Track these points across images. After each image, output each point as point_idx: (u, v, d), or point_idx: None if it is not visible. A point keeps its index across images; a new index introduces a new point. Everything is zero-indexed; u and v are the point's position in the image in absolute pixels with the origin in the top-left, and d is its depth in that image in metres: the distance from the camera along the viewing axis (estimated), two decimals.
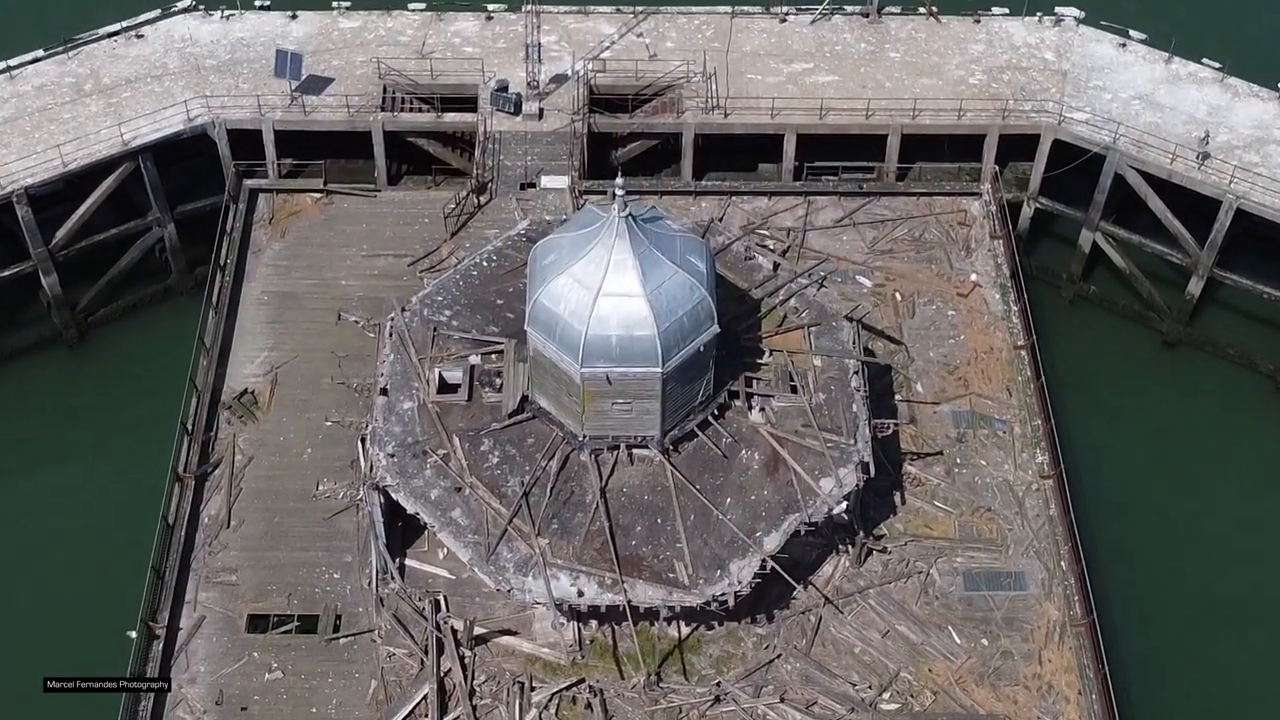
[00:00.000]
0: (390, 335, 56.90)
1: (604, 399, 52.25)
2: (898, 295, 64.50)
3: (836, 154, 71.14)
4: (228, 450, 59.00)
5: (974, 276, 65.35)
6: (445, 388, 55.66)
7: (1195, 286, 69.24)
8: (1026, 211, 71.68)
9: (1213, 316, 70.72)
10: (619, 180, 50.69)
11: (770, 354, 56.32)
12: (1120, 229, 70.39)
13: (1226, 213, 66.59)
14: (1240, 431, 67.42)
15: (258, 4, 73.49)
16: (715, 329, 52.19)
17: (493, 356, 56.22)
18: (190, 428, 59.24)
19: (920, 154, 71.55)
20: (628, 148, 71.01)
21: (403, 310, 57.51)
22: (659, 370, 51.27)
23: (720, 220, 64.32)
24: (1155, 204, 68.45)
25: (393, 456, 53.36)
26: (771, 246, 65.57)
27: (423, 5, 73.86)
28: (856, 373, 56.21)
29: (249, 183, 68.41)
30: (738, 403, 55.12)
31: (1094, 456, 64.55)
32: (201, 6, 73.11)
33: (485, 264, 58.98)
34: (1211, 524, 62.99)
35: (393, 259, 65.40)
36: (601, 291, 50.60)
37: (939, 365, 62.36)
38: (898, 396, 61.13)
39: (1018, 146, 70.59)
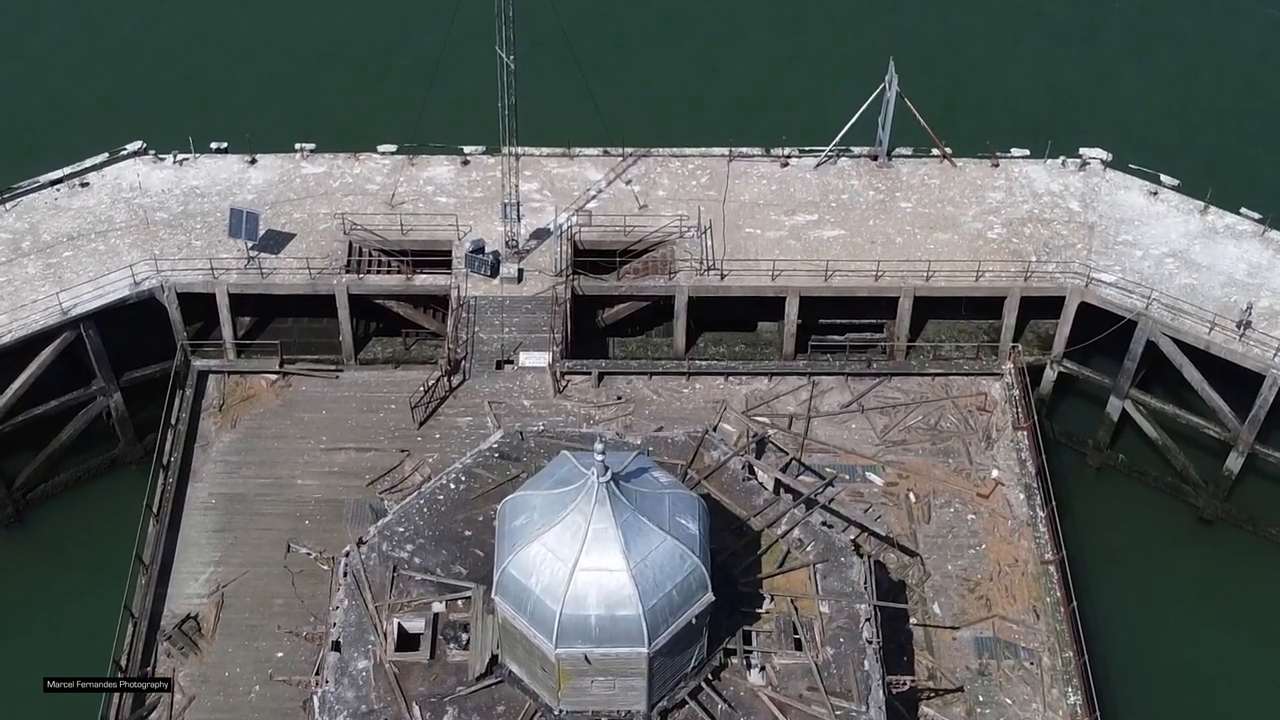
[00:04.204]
0: (345, 575, 48.67)
1: (583, 677, 44.31)
2: (912, 495, 56.41)
3: (843, 312, 62.93)
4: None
5: (995, 473, 57.23)
6: (405, 641, 47.57)
7: (1235, 462, 61.23)
8: (1049, 375, 63.50)
9: (1254, 491, 62.60)
10: (599, 445, 42.49)
11: (771, 600, 48.11)
12: (1152, 398, 62.30)
13: (1270, 388, 58.65)
14: None
15: (213, 146, 65.04)
16: (709, 598, 44.14)
17: (459, 603, 47.98)
18: (125, 665, 51.10)
19: (935, 312, 63.36)
20: (615, 309, 62.93)
21: (359, 544, 49.32)
22: (645, 650, 43.27)
23: (715, 429, 55.92)
24: (1191, 374, 60.42)
25: None
26: (771, 432, 57.40)
27: (393, 148, 65.41)
28: (869, 620, 48.04)
29: (198, 364, 60.16)
30: (735, 660, 46.98)
31: (1126, 657, 56.56)
32: (152, 151, 64.63)
33: (453, 486, 50.81)
34: None
35: (355, 453, 57.23)
36: (579, 566, 42.54)
37: (958, 581, 54.31)
38: (912, 620, 53.04)
39: (1041, 304, 62.39)
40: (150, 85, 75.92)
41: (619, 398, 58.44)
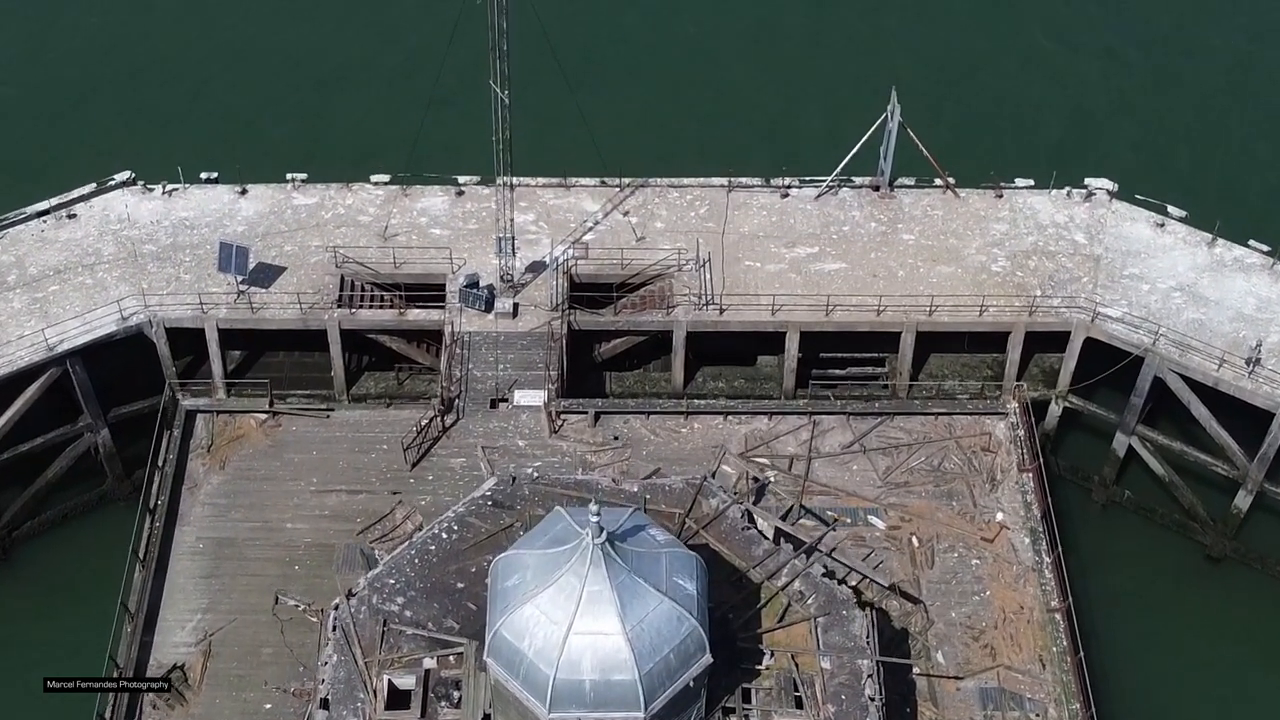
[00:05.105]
0: (334, 629, 47.09)
1: None
2: (915, 540, 54.82)
3: (845, 346, 61.36)
4: None
5: (1000, 516, 55.66)
6: (396, 698, 46.14)
7: (1243, 500, 59.67)
8: (1054, 410, 61.89)
9: (1263, 529, 60.98)
10: (594, 506, 40.94)
11: (771, 656, 46.55)
12: (1159, 434, 60.74)
13: None
14: None
15: (203, 176, 63.38)
16: (707, 660, 42.61)
17: (451, 659, 46.43)
18: (109, 717, 49.52)
19: (938, 346, 61.79)
20: (612, 343, 61.30)
21: (349, 596, 47.76)
22: (641, 715, 41.85)
23: (714, 474, 54.32)
24: (1199, 411, 58.85)
25: None
26: (771, 475, 55.86)
27: (386, 178, 63.73)
28: (871, 676, 46.49)
29: (186, 404, 58.54)
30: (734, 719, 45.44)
31: (1134, 708, 55.21)
32: (141, 181, 62.97)
33: (445, 536, 49.27)
34: None
35: (346, 496, 55.63)
36: (573, 629, 40.99)
37: (962, 629, 52.72)
38: (915, 670, 51.41)
39: (1046, 339, 60.79)
40: (139, 113, 74.17)
41: (615, 438, 56.85)
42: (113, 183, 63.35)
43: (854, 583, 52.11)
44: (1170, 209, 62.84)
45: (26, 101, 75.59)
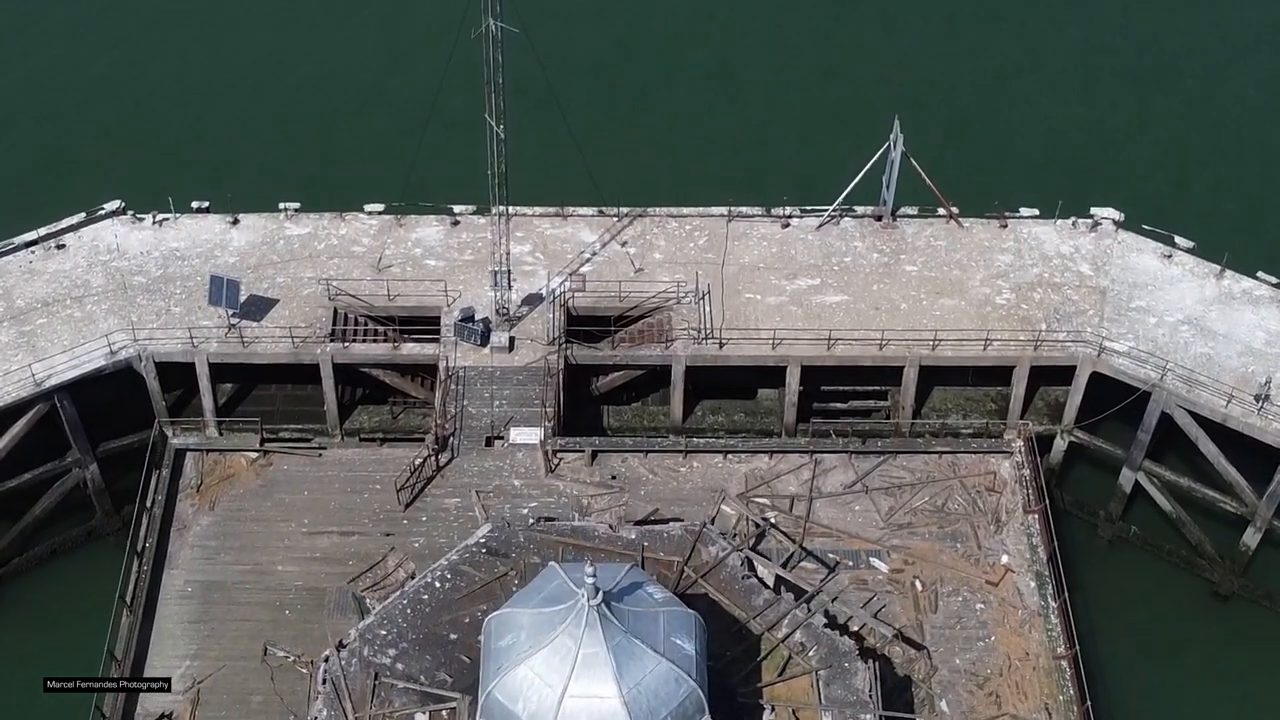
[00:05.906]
0: (324, 682, 45.75)
1: None
2: (918, 583, 53.48)
3: (847, 379, 60.02)
4: None
5: (1005, 559, 54.31)
6: None
7: (1252, 537, 58.39)
8: (1060, 444, 60.52)
9: (1272, 566, 59.73)
10: (589, 569, 39.48)
11: (772, 710, 45.23)
12: (1166, 470, 59.43)
13: None
14: None
15: (194, 206, 61.99)
16: None
17: (443, 714, 45.11)
18: None
19: (941, 379, 60.46)
20: (610, 377, 59.92)
21: (339, 648, 46.40)
22: None
23: (713, 521, 52.93)
24: (1207, 447, 57.55)
25: None
26: (771, 517, 54.48)
27: (380, 207, 62.35)
28: None
29: (175, 442, 57.21)
30: None
31: None
32: (131, 210, 61.59)
33: (438, 585, 47.94)
34: None
35: (338, 537, 54.29)
36: (568, 692, 39.69)
37: (966, 676, 51.39)
38: (918, 718, 50.02)
39: (1051, 372, 59.48)
40: (129, 142, 72.69)
41: (613, 478, 55.47)
42: (102, 212, 62.09)
43: (855, 627, 50.74)
44: (1178, 239, 61.56)
45: (14, 129, 74.17)
